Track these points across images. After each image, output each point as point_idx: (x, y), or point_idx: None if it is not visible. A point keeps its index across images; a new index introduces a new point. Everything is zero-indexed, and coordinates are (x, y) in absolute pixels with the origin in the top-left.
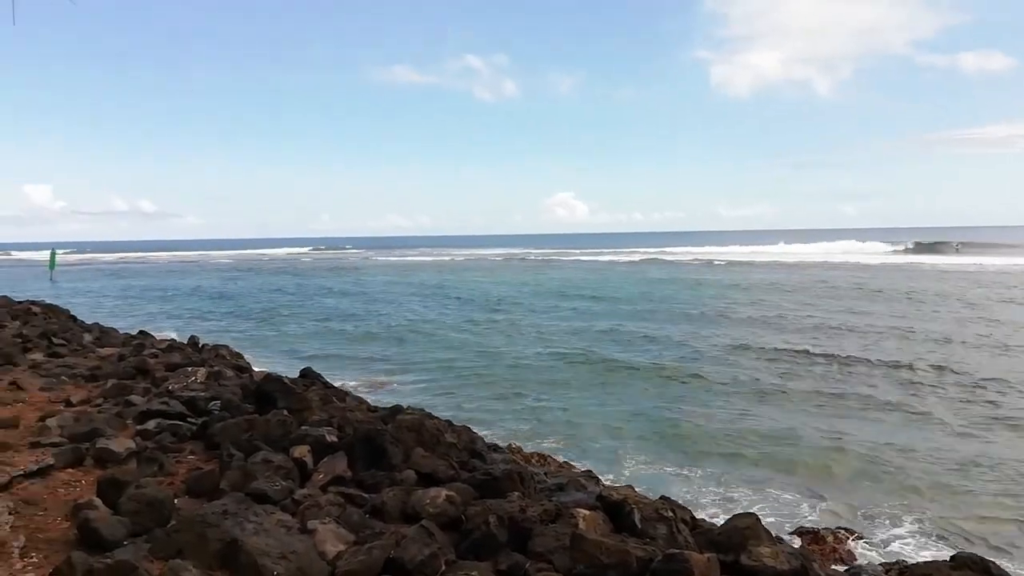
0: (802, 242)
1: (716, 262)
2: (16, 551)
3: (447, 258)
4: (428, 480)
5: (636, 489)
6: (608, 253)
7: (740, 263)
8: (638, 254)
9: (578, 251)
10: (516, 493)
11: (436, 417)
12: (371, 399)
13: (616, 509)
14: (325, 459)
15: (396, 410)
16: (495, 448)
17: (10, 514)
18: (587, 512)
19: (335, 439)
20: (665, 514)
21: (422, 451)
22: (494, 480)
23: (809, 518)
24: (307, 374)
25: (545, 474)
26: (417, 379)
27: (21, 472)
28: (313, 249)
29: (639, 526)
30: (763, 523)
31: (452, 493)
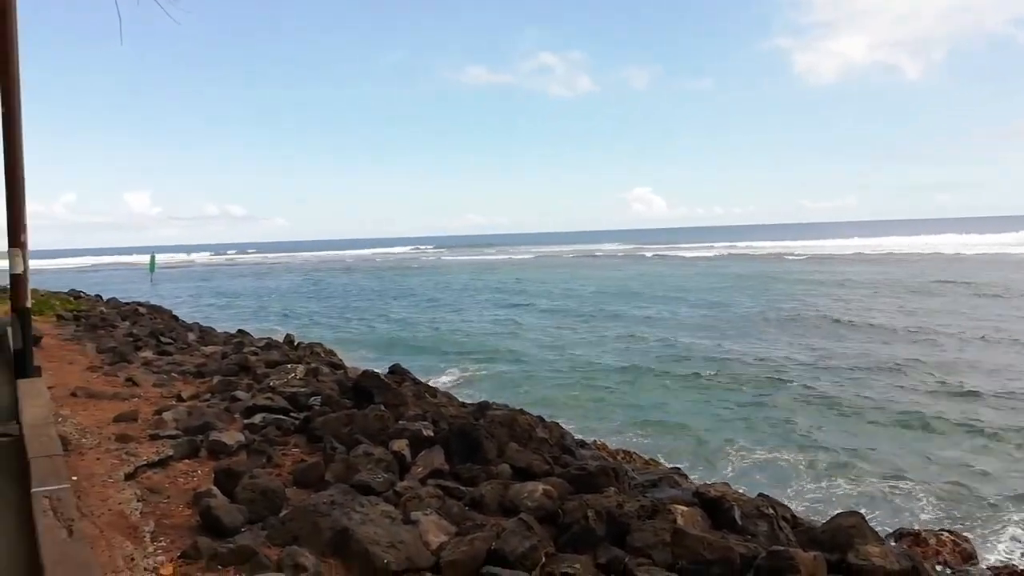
0: (899, 234)
1: (831, 256)
2: (147, 535)
3: (528, 255)
4: (523, 474)
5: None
6: (693, 248)
7: (839, 257)
8: (715, 248)
9: (659, 246)
10: (612, 488)
11: (527, 413)
12: (457, 395)
13: (714, 506)
14: (422, 452)
15: (484, 406)
16: (583, 444)
17: (138, 501)
18: (685, 508)
19: (431, 433)
20: (766, 511)
21: (516, 446)
22: (589, 475)
23: (909, 520)
24: (396, 370)
25: (632, 471)
26: (500, 373)
27: (145, 462)
28: (405, 248)
29: (739, 523)
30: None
31: (549, 487)
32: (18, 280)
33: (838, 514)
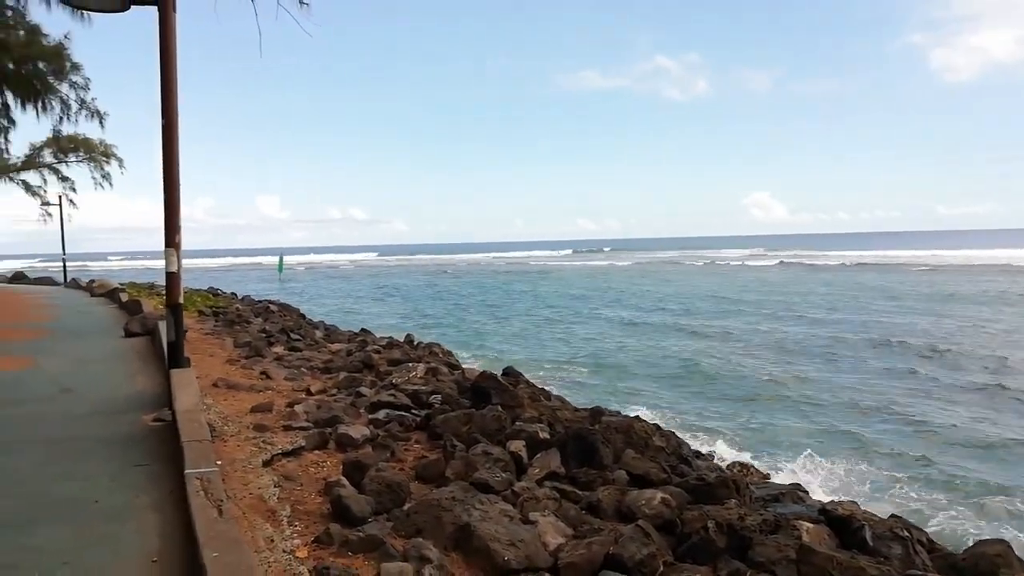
0: None
1: (975, 267)
2: (285, 519)
3: (639, 262)
4: (640, 481)
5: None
6: (815, 255)
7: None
8: (845, 256)
9: (782, 252)
10: (733, 500)
11: (643, 420)
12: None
13: (843, 524)
14: (539, 454)
15: (598, 411)
16: (699, 455)
17: (275, 487)
18: (810, 525)
19: (547, 436)
20: (900, 533)
21: (632, 452)
22: (708, 486)
23: None
24: (510, 372)
25: (749, 484)
26: (603, 376)
27: (280, 451)
28: (519, 253)
29: (871, 544)
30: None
31: (667, 496)
32: (173, 278)
33: (982, 541)
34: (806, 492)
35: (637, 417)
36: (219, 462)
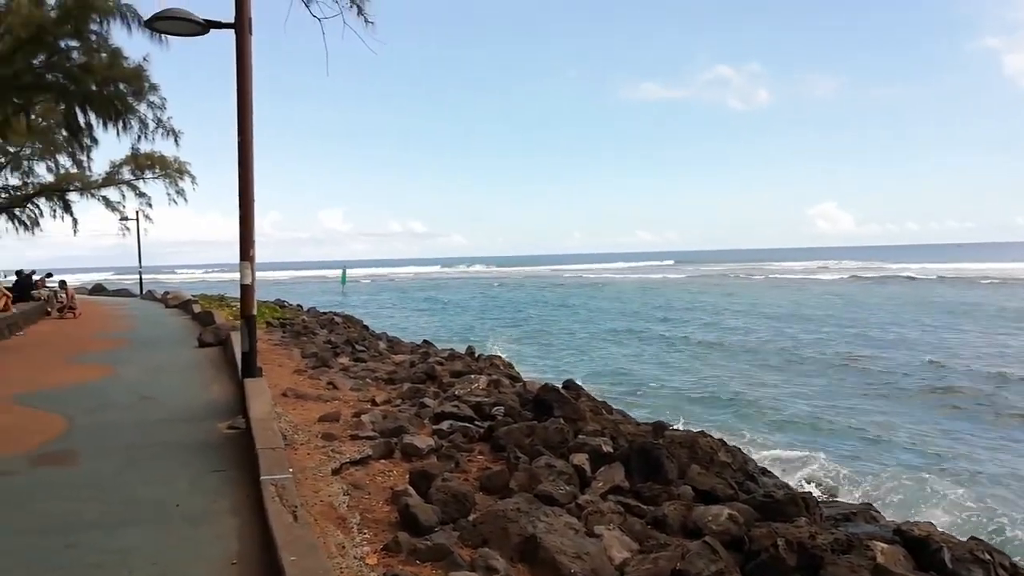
0: None
1: None
2: (354, 527)
3: (707, 274)
4: (706, 497)
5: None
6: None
7: None
8: (930, 270)
9: (851, 265)
10: (802, 518)
11: (708, 435)
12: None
13: (919, 545)
14: (602, 468)
15: (661, 426)
16: (764, 471)
17: (344, 495)
18: (885, 546)
19: (610, 449)
20: (981, 556)
21: (698, 468)
22: (776, 503)
23: None
24: (570, 386)
25: (818, 502)
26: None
27: (348, 460)
28: (579, 265)
29: (950, 566)
30: None
31: (734, 512)
32: (247, 290)
33: None
34: (878, 512)
35: (702, 432)
36: (290, 469)
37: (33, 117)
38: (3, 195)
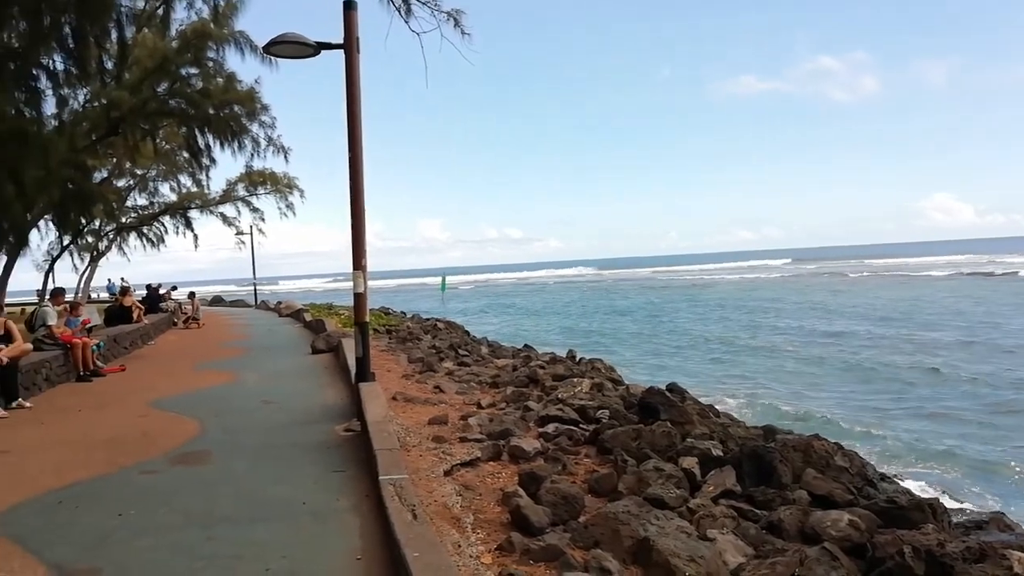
0: None
1: None
2: (469, 526)
3: (818, 272)
4: (823, 502)
5: None
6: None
7: None
8: None
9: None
10: (929, 525)
11: (823, 439)
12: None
13: None
14: (712, 472)
15: (772, 429)
16: (884, 477)
17: (457, 495)
18: (1022, 555)
19: (720, 453)
20: None
21: (814, 472)
22: (900, 509)
23: None
24: (674, 389)
25: (946, 509)
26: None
27: (459, 462)
28: (682, 267)
29: None
30: None
31: (855, 518)
32: (360, 298)
33: None
34: (1013, 521)
35: (816, 435)
36: (406, 470)
37: (158, 141)
38: (133, 215)
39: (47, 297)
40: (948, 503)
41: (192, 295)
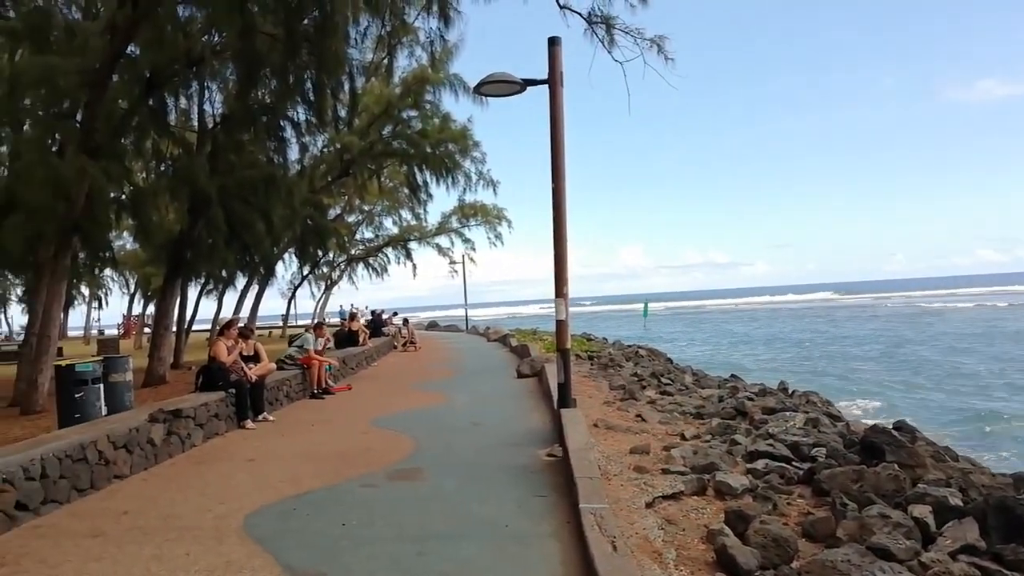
0: None
1: None
2: (671, 562)
3: None
4: None
5: None
6: None
7: None
8: None
9: None
10: None
11: None
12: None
13: None
14: (950, 523)
15: (1022, 478)
16: None
17: (659, 529)
18: None
19: (959, 503)
20: None
21: None
22: None
23: None
24: (903, 427)
25: None
26: None
27: (661, 494)
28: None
29: None
30: None
31: None
32: (562, 325)
33: None
34: None
35: None
36: (606, 499)
37: (382, 179)
38: (360, 247)
39: (308, 329)
40: None
41: (406, 321)
